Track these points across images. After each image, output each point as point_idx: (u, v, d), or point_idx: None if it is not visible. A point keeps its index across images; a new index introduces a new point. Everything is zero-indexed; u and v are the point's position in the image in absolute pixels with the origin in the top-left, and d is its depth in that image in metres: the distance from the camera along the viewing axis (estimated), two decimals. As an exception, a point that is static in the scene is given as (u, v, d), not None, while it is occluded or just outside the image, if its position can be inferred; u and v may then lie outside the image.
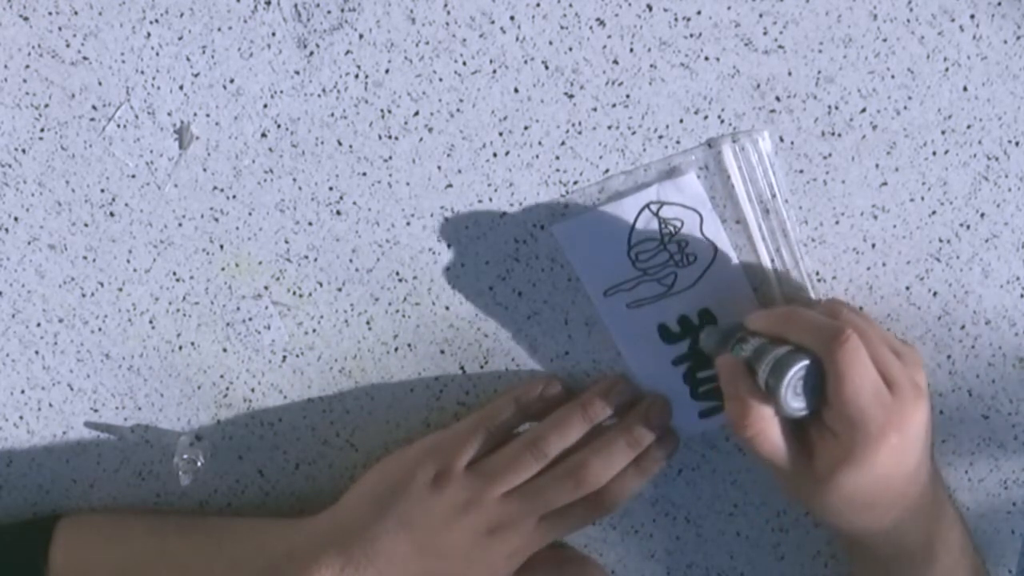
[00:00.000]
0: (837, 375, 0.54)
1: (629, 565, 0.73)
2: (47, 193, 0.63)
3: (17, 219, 0.64)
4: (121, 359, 0.67)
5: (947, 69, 0.60)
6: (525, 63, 0.60)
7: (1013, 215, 0.63)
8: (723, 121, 0.61)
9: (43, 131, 0.62)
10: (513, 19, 0.59)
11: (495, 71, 0.60)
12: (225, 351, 0.67)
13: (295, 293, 0.66)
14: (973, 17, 0.59)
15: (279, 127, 0.61)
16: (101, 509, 0.71)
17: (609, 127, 0.61)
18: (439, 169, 0.62)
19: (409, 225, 0.64)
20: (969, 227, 0.63)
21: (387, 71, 0.60)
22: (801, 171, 0.62)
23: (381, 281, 0.65)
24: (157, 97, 0.61)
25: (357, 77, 0.60)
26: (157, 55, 0.60)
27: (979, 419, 0.68)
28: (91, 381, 0.68)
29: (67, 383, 0.68)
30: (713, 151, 0.61)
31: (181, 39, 0.60)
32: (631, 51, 0.60)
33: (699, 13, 0.59)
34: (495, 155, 0.62)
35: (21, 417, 0.69)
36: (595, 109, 0.61)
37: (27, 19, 0.59)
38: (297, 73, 0.60)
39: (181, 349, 0.67)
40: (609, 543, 0.72)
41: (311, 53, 0.60)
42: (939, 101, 0.61)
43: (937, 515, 0.62)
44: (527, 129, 0.61)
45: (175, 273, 0.65)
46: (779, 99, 0.60)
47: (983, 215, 0.63)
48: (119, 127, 0.62)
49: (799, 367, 0.55)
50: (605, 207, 0.63)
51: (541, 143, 0.62)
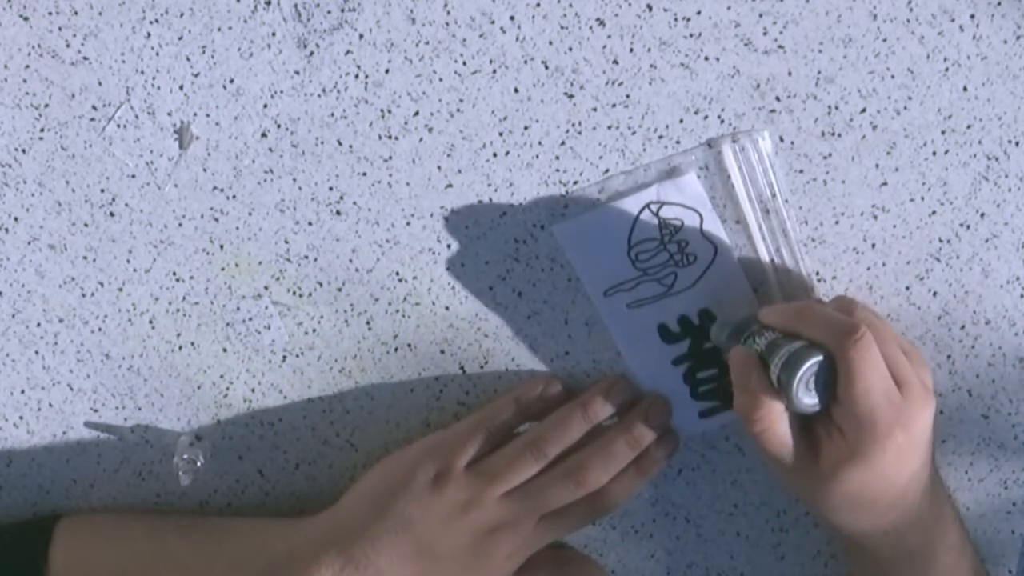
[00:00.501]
0: (849, 372, 0.54)
1: (629, 565, 0.73)
2: (47, 193, 0.63)
3: (17, 219, 0.64)
4: (121, 359, 0.67)
5: (947, 69, 0.60)
6: (525, 63, 0.60)
7: (1013, 215, 0.63)
8: (723, 121, 0.61)
9: (43, 131, 0.62)
10: (513, 19, 0.59)
11: (495, 71, 0.60)
12: (225, 351, 0.67)
13: (295, 293, 0.66)
14: (973, 17, 0.59)
15: (279, 127, 0.61)
16: (101, 509, 0.71)
17: (609, 127, 0.61)
18: (439, 169, 0.62)
19: (409, 225, 0.64)
20: (969, 227, 0.63)
21: (387, 71, 0.60)
22: (801, 171, 0.62)
23: (381, 281, 0.65)
24: (157, 97, 0.61)
25: (357, 77, 0.60)
26: (157, 55, 0.60)
27: (979, 419, 0.68)
28: (91, 381, 0.68)
29: (67, 383, 0.68)
30: (713, 151, 0.61)
31: (181, 39, 0.60)
32: (631, 51, 0.60)
33: (699, 13, 0.59)
34: (495, 155, 0.62)
35: (21, 417, 0.69)
36: (595, 109, 0.61)
37: (27, 19, 0.59)
38: (297, 73, 0.60)
39: (181, 349, 0.67)
40: (609, 543, 0.72)
41: (311, 53, 0.60)
42: (939, 101, 0.61)
43: (937, 516, 0.62)
44: (527, 129, 0.61)
45: (175, 273, 0.65)
46: (779, 99, 0.60)
47: (983, 215, 0.63)
48: (119, 127, 0.62)
49: (812, 362, 0.55)
50: (605, 207, 0.63)
51: (541, 143, 0.62)
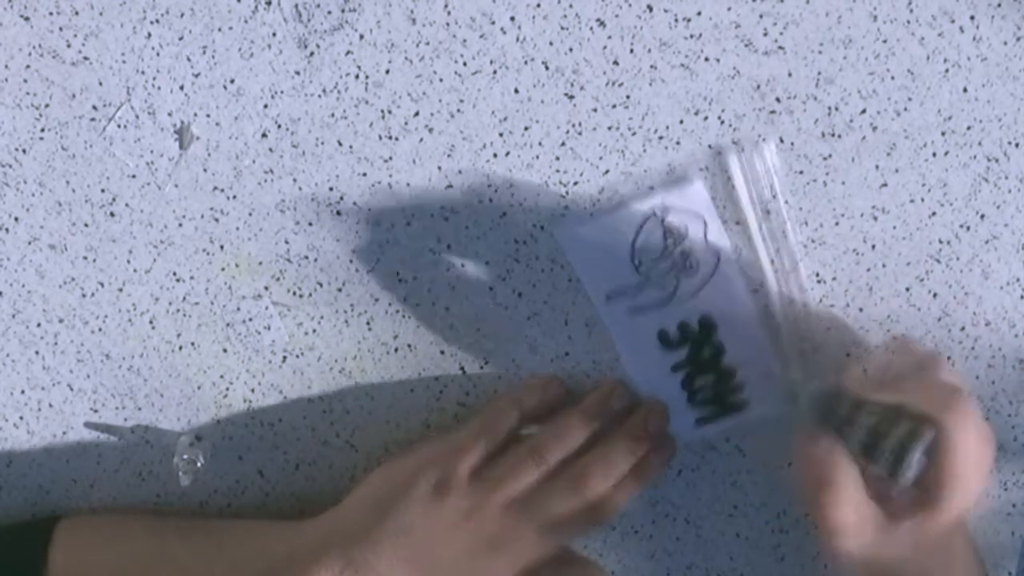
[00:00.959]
0: (950, 441, 0.52)
1: (629, 566, 0.73)
2: (47, 193, 0.63)
3: (17, 219, 0.64)
4: (121, 359, 0.67)
5: (947, 70, 0.60)
6: (525, 64, 0.60)
7: (1013, 216, 0.63)
8: (723, 122, 0.61)
9: (43, 131, 0.62)
10: (513, 20, 0.59)
11: (495, 72, 0.60)
12: (225, 351, 0.67)
13: (295, 293, 0.66)
14: (973, 18, 0.59)
15: (279, 127, 0.61)
16: (101, 510, 0.71)
17: (609, 128, 0.61)
18: (439, 169, 0.62)
19: (409, 225, 0.64)
20: (969, 228, 0.63)
21: (387, 71, 0.60)
22: (801, 172, 0.62)
23: (381, 281, 0.65)
24: (157, 97, 0.61)
25: (357, 77, 0.60)
26: (158, 55, 0.60)
27: (979, 420, 0.68)
28: (91, 381, 0.68)
29: (67, 383, 0.68)
30: (718, 156, 0.61)
31: (182, 39, 0.60)
32: (631, 52, 0.60)
33: (699, 14, 0.59)
34: (495, 156, 0.62)
35: (21, 417, 0.69)
36: (595, 110, 0.61)
37: (28, 19, 0.59)
38: (297, 73, 0.60)
39: (181, 349, 0.67)
40: (609, 544, 0.72)
41: (311, 53, 0.60)
42: (939, 102, 0.61)
43: (958, 540, 0.62)
44: (527, 130, 0.61)
45: (175, 273, 0.65)
46: (779, 100, 0.60)
47: (983, 216, 0.63)
48: (119, 127, 0.62)
49: (923, 445, 0.53)
50: (610, 212, 0.63)
51: (541, 144, 0.62)
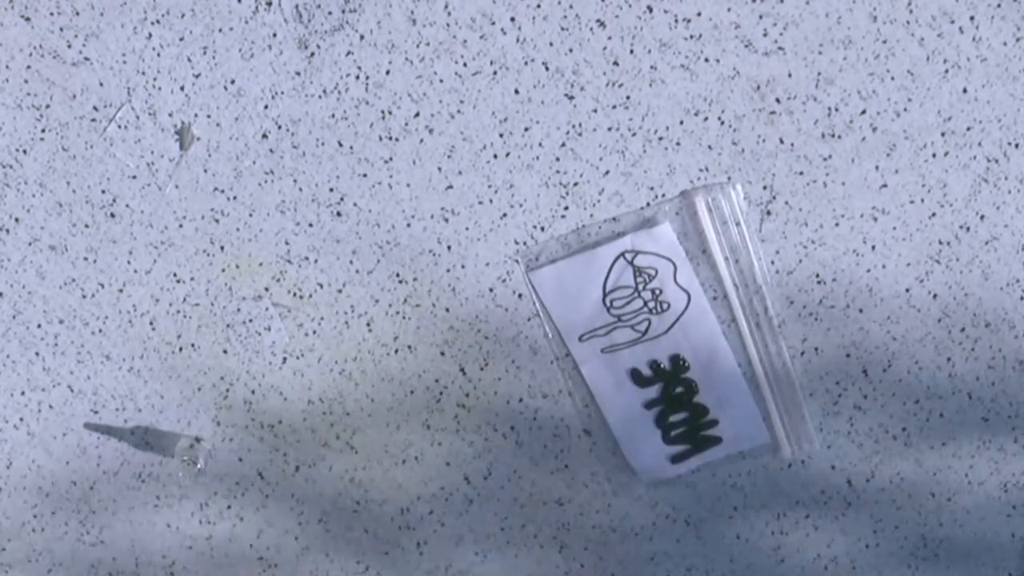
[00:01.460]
0: None
1: (629, 567, 0.73)
2: (48, 194, 0.63)
3: (18, 220, 0.64)
4: (121, 360, 0.67)
5: (947, 71, 0.60)
6: (525, 64, 0.60)
7: (1013, 217, 0.63)
8: (723, 123, 0.61)
9: (44, 132, 0.62)
10: (514, 20, 0.59)
11: (495, 72, 0.60)
12: (225, 352, 0.67)
13: (295, 295, 0.66)
14: (973, 19, 0.59)
15: (280, 128, 0.62)
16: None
17: (609, 128, 0.61)
18: (439, 170, 0.62)
19: (409, 226, 0.64)
20: (969, 229, 0.63)
21: (388, 72, 0.60)
22: (801, 173, 0.62)
23: (381, 283, 0.65)
24: (158, 98, 0.61)
25: (358, 78, 0.60)
26: (158, 56, 0.60)
27: (979, 422, 0.68)
28: (91, 383, 0.68)
29: (67, 384, 0.68)
30: (687, 201, 0.62)
31: (182, 40, 0.60)
32: (631, 52, 0.60)
33: (699, 15, 0.59)
34: (495, 156, 0.62)
35: (21, 419, 0.69)
36: (595, 110, 0.61)
37: (29, 20, 0.59)
38: (298, 74, 0.60)
39: (181, 351, 0.67)
40: (609, 545, 0.72)
41: (312, 54, 0.60)
42: (939, 103, 0.61)
43: None
44: (527, 130, 0.61)
45: (175, 274, 0.65)
46: (779, 101, 0.60)
47: (983, 217, 0.63)
48: (120, 128, 0.62)
49: None
50: (581, 254, 0.63)
51: (541, 144, 0.62)
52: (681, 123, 0.61)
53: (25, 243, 0.64)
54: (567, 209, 0.63)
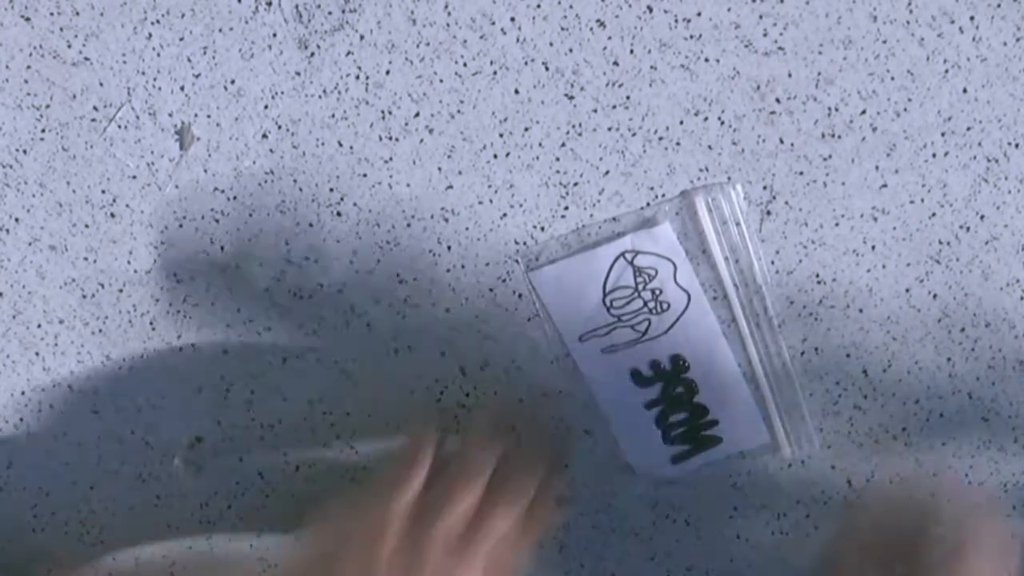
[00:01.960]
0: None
1: (629, 567, 0.73)
2: (48, 194, 0.63)
3: (18, 220, 0.64)
4: (122, 360, 0.67)
5: (947, 71, 0.60)
6: (525, 64, 0.60)
7: (1013, 217, 0.63)
8: (723, 123, 0.61)
9: (44, 132, 0.62)
10: (514, 20, 0.59)
11: (495, 72, 0.60)
12: (226, 353, 0.67)
13: (296, 295, 0.66)
14: (973, 19, 0.59)
15: (280, 128, 0.62)
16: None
17: (609, 129, 0.61)
18: (439, 170, 0.62)
19: (409, 226, 0.64)
20: (969, 229, 0.63)
21: (388, 72, 0.60)
22: (801, 173, 0.62)
23: (381, 283, 0.65)
24: (158, 98, 0.61)
25: (358, 78, 0.60)
26: (158, 56, 0.60)
27: (979, 422, 0.68)
28: (91, 383, 0.68)
29: (67, 384, 0.68)
30: (687, 201, 0.62)
31: (182, 40, 0.60)
32: (631, 52, 0.60)
33: (699, 15, 0.59)
34: (495, 156, 0.62)
35: (21, 419, 0.69)
36: (595, 111, 0.61)
37: (29, 20, 0.59)
38: (298, 74, 0.60)
39: (182, 351, 0.67)
40: (609, 545, 0.72)
41: (312, 54, 0.60)
42: (939, 103, 0.61)
43: None
44: (527, 131, 0.61)
45: (176, 274, 0.65)
46: (779, 101, 0.60)
47: (983, 217, 0.63)
48: (120, 128, 0.62)
49: None
50: (581, 255, 0.63)
51: (541, 144, 0.62)
52: (681, 123, 0.61)
53: (25, 243, 0.64)
54: (567, 209, 0.63)
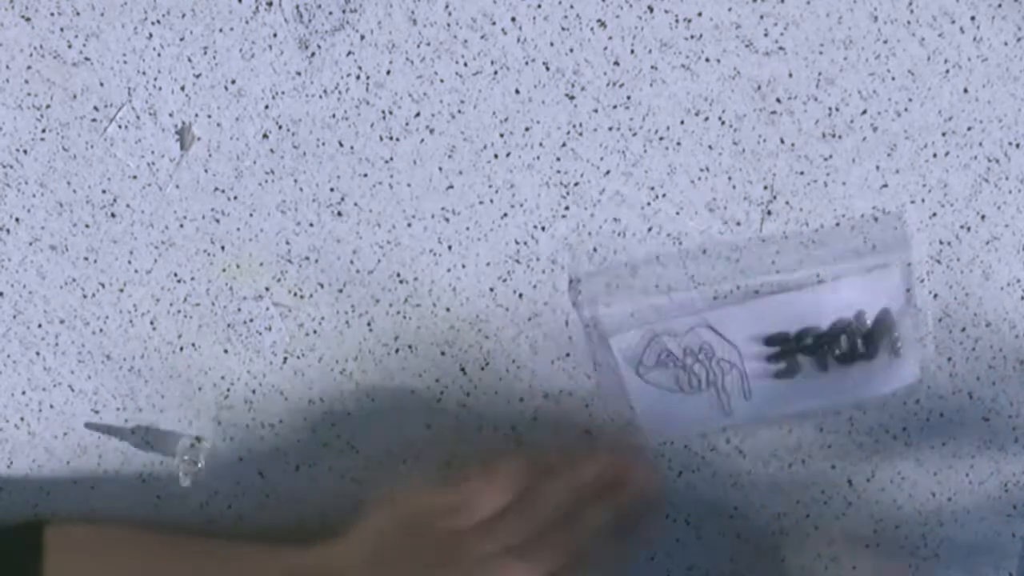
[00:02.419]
0: None
1: (629, 567, 0.73)
2: (48, 194, 0.63)
3: (18, 220, 0.64)
4: (122, 360, 0.67)
5: (947, 71, 0.60)
6: (526, 64, 0.60)
7: (1014, 217, 0.63)
8: (724, 123, 0.61)
9: (44, 132, 0.62)
10: (514, 20, 0.59)
11: (496, 72, 0.60)
12: (226, 352, 0.67)
13: (296, 294, 0.66)
14: (974, 19, 0.59)
15: (280, 128, 0.62)
16: (92, 521, 0.71)
17: (610, 128, 0.61)
18: (440, 170, 0.62)
19: (410, 226, 0.64)
20: (969, 229, 0.64)
21: (388, 72, 0.60)
22: (802, 173, 0.62)
23: (382, 282, 0.65)
24: (159, 98, 0.61)
25: (358, 78, 0.60)
26: (159, 56, 0.60)
27: (980, 422, 0.68)
28: (92, 382, 0.68)
29: (68, 384, 0.68)
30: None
31: (183, 40, 0.60)
32: (632, 52, 0.60)
33: (700, 15, 0.59)
34: (496, 156, 0.62)
35: (22, 418, 0.69)
36: (596, 111, 0.61)
37: (29, 20, 0.59)
38: (298, 74, 0.60)
39: (182, 350, 0.67)
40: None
41: (312, 54, 0.60)
42: (939, 103, 0.61)
43: None
44: (528, 130, 0.61)
45: (176, 274, 0.65)
46: (780, 101, 0.60)
47: (984, 217, 0.63)
48: (120, 128, 0.62)
49: None
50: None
51: (542, 144, 0.62)
52: (682, 123, 0.61)
53: (25, 243, 0.64)
54: (568, 209, 0.63)
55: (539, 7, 0.59)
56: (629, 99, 0.61)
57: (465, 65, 0.60)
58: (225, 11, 0.59)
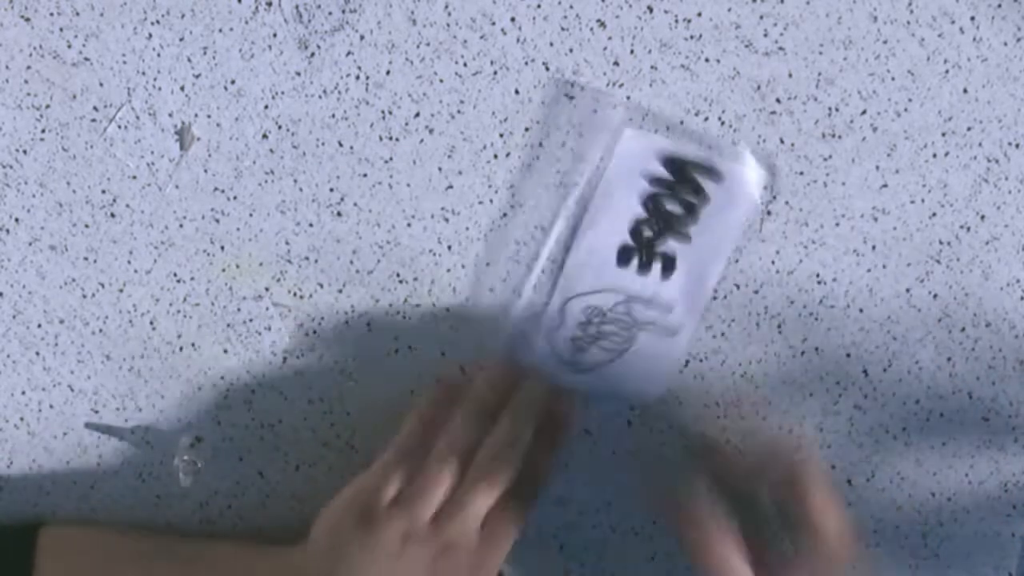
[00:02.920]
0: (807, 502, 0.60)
1: (629, 567, 0.73)
2: (48, 194, 0.63)
3: (18, 220, 0.64)
4: (122, 360, 0.67)
5: (947, 71, 0.60)
6: (526, 64, 0.60)
7: (1013, 217, 0.63)
8: (723, 123, 0.61)
9: (44, 132, 0.62)
10: (514, 20, 0.59)
11: (496, 72, 0.60)
12: (226, 352, 0.67)
13: (296, 294, 0.66)
14: (973, 19, 0.59)
15: (280, 128, 0.62)
16: (86, 522, 0.71)
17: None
18: (440, 170, 0.62)
19: (410, 226, 0.64)
20: (969, 229, 0.63)
21: (388, 72, 0.60)
22: (801, 173, 0.62)
23: (382, 283, 0.65)
24: (158, 98, 0.61)
25: (358, 78, 0.60)
26: (158, 56, 0.60)
27: (979, 422, 0.68)
28: (92, 382, 0.68)
29: (68, 384, 0.68)
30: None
31: (182, 40, 0.60)
32: (632, 53, 0.60)
33: (700, 15, 0.59)
34: (496, 156, 0.62)
35: (22, 418, 0.69)
36: (596, 111, 0.61)
37: (28, 20, 0.59)
38: (298, 74, 0.60)
39: (182, 350, 0.67)
40: (609, 545, 0.72)
41: (312, 54, 0.60)
42: (939, 103, 0.61)
43: None
44: (528, 131, 0.61)
45: (176, 274, 0.65)
46: (779, 101, 0.60)
47: (983, 217, 0.63)
48: (120, 128, 0.62)
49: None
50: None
51: (542, 144, 0.62)
52: (682, 123, 0.61)
53: (25, 243, 0.64)
54: (568, 209, 0.63)
55: (539, 7, 0.59)
56: (629, 99, 0.61)
57: (465, 65, 0.60)
58: (225, 11, 0.59)
